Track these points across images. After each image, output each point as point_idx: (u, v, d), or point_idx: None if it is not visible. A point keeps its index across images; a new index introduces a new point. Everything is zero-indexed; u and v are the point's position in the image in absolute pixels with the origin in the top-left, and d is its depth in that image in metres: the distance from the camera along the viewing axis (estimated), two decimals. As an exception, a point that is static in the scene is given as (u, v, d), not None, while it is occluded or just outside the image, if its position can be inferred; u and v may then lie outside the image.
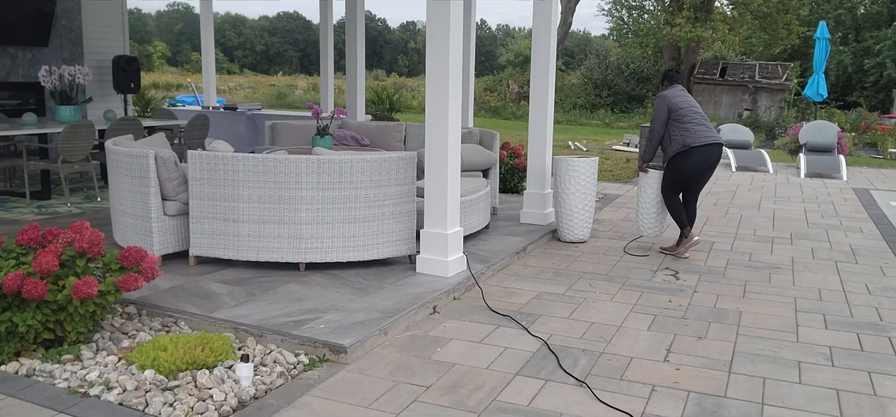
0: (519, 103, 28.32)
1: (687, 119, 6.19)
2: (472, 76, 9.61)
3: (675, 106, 6.23)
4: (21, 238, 4.02)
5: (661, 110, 6.27)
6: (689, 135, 6.17)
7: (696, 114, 6.26)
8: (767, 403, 3.54)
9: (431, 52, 5.14)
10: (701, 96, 25.09)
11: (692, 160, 6.20)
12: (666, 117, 6.25)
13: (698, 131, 6.18)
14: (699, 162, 6.21)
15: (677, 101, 6.25)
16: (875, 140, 17.49)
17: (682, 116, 6.20)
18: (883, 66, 27.16)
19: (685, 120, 6.19)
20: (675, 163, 6.26)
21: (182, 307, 4.47)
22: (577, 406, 3.45)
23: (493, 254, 6.00)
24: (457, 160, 5.33)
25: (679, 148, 6.18)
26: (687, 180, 6.34)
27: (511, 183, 9.24)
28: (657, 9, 30.49)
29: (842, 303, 5.23)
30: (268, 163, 5.10)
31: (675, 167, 6.28)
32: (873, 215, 8.82)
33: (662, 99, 6.32)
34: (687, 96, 6.36)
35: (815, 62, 16.39)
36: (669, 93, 6.34)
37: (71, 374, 3.61)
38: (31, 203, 7.90)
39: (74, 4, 10.10)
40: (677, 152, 6.21)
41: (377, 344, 4.16)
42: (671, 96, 6.30)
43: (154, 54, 55.72)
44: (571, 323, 4.65)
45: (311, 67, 61.69)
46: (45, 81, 8.18)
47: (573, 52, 46.61)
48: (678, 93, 6.33)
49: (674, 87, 6.42)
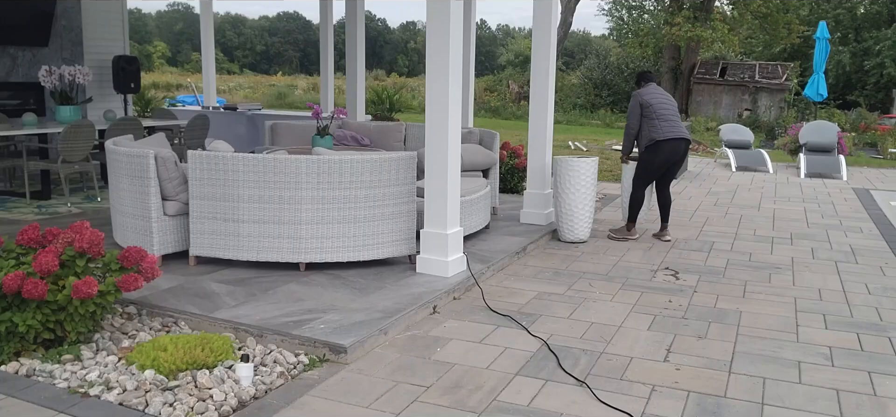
0: (519, 103, 28.31)
1: (656, 116, 6.73)
2: (472, 76, 9.61)
3: (647, 103, 6.76)
4: (21, 238, 4.02)
5: (634, 108, 6.83)
6: (657, 131, 6.70)
7: (665, 111, 6.77)
8: (767, 403, 3.54)
9: (431, 51, 5.14)
10: (701, 96, 25.10)
11: (660, 154, 6.76)
12: (639, 113, 6.80)
13: (664, 127, 6.71)
14: (666, 155, 6.77)
15: (648, 99, 6.78)
16: (875, 140, 17.48)
17: (652, 113, 6.73)
18: (883, 66, 27.15)
19: (654, 117, 6.73)
20: (645, 156, 6.84)
21: (182, 307, 4.47)
22: (577, 407, 3.45)
23: (493, 254, 6.00)
24: (457, 160, 5.33)
25: (647, 142, 6.76)
26: (656, 171, 6.91)
27: (511, 183, 9.24)
28: (657, 9, 30.50)
29: (842, 303, 5.23)
30: (268, 163, 5.10)
31: (645, 160, 6.86)
32: (873, 215, 8.82)
33: (636, 96, 6.86)
34: (659, 95, 6.87)
35: (815, 62, 16.40)
36: (643, 91, 6.87)
37: (71, 374, 3.61)
38: (31, 203, 7.90)
39: (74, 4, 10.10)
40: (646, 146, 6.78)
41: (377, 344, 4.16)
42: (644, 94, 6.83)
43: (154, 54, 55.71)
44: (571, 323, 4.65)
45: (311, 67, 61.71)
46: (45, 81, 8.18)
47: (573, 52, 46.63)
48: (651, 92, 6.85)
49: (648, 86, 6.93)
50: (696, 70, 25.58)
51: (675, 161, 6.85)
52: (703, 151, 15.90)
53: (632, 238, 7.06)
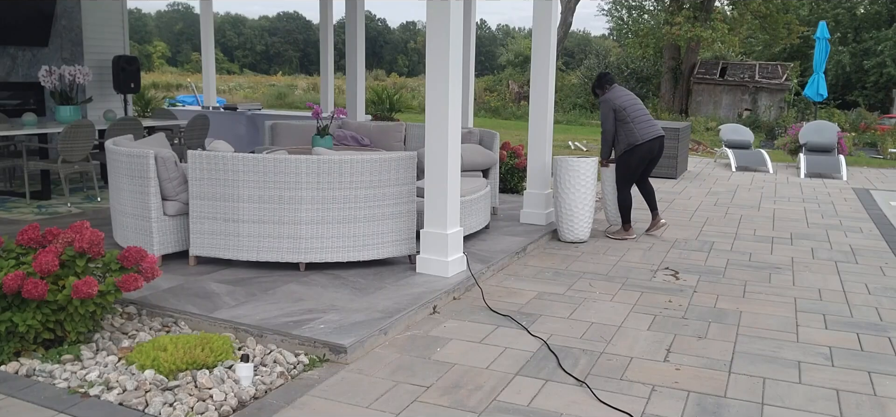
0: (519, 103, 28.31)
1: (629, 118, 6.82)
2: (472, 76, 9.61)
3: (619, 107, 6.83)
4: (21, 238, 4.02)
5: (607, 114, 6.87)
6: (632, 134, 6.81)
7: (637, 112, 6.87)
8: (767, 403, 3.54)
9: (431, 51, 5.14)
10: (701, 96, 25.09)
11: (637, 155, 6.88)
12: (613, 118, 6.86)
13: (640, 129, 6.82)
14: (643, 154, 6.89)
15: (620, 103, 6.84)
16: (875, 140, 17.49)
17: (626, 116, 6.82)
18: (883, 66, 27.13)
19: (628, 120, 6.82)
20: (624, 159, 6.93)
21: (182, 307, 4.47)
22: (577, 407, 3.45)
23: (493, 254, 6.00)
24: (457, 160, 5.33)
25: (625, 147, 6.86)
26: (635, 172, 6.99)
27: (511, 183, 9.24)
28: (657, 9, 30.50)
29: (842, 303, 5.23)
30: (268, 163, 5.10)
31: (624, 162, 6.94)
32: (873, 215, 8.82)
33: (606, 103, 6.88)
34: (627, 96, 6.94)
35: (814, 62, 16.39)
36: (611, 96, 6.90)
37: (71, 374, 3.61)
38: (31, 203, 7.90)
39: (74, 4, 10.10)
40: (624, 151, 6.88)
41: (377, 344, 4.16)
42: (613, 98, 6.87)
43: (154, 54, 55.71)
44: (571, 322, 4.65)
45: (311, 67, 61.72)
46: (45, 81, 8.18)
47: (573, 52, 46.63)
48: (619, 95, 6.90)
49: (613, 89, 6.97)
50: (696, 70, 25.58)
51: (650, 159, 6.98)
52: (704, 151, 15.90)
53: (630, 237, 7.09)
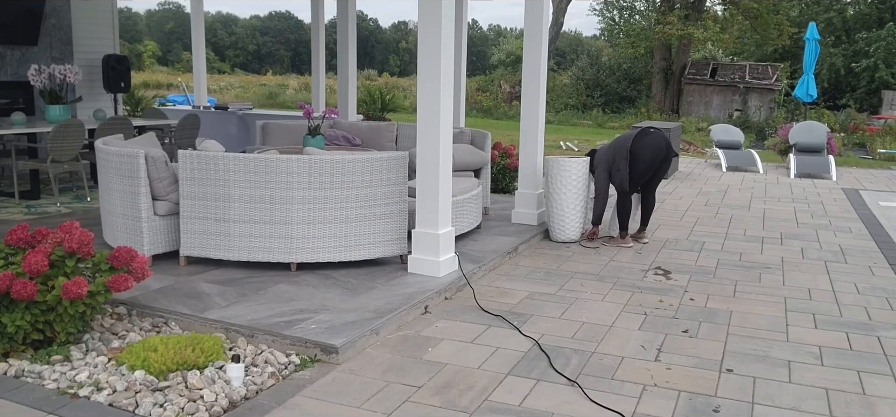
0: (510, 103, 28.34)
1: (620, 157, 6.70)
2: (463, 76, 9.61)
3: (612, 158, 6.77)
4: (10, 238, 3.99)
5: (601, 176, 6.79)
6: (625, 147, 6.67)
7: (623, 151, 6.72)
8: (758, 402, 3.56)
9: (423, 51, 5.14)
10: (692, 96, 25.20)
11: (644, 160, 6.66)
12: (607, 177, 6.80)
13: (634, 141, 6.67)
14: (652, 154, 6.68)
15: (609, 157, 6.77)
16: (864, 140, 17.60)
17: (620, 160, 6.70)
18: (875, 68, 27.26)
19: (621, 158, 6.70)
20: (630, 164, 6.69)
21: (172, 307, 4.45)
22: (569, 406, 3.46)
23: (484, 254, 6.00)
24: (448, 160, 5.33)
25: (625, 154, 6.67)
26: (644, 176, 6.76)
27: (502, 183, 9.24)
28: (648, 9, 30.58)
29: (831, 303, 5.26)
30: (259, 162, 5.09)
31: (631, 166, 6.71)
32: (862, 215, 8.88)
33: (602, 170, 6.79)
34: (608, 152, 6.83)
35: (804, 63, 16.46)
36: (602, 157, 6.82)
37: (60, 375, 3.59)
38: (20, 203, 7.85)
39: (64, 3, 10.04)
40: (625, 157, 6.67)
41: (368, 344, 4.15)
42: (604, 158, 6.81)
43: (144, 53, 55.45)
44: (563, 322, 4.66)
45: (302, 67, 61.58)
46: (34, 80, 8.13)
47: (565, 52, 46.71)
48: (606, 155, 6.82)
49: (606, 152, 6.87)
50: (686, 70, 25.68)
51: (664, 157, 6.73)
52: (694, 151, 15.96)
53: (626, 246, 6.94)
